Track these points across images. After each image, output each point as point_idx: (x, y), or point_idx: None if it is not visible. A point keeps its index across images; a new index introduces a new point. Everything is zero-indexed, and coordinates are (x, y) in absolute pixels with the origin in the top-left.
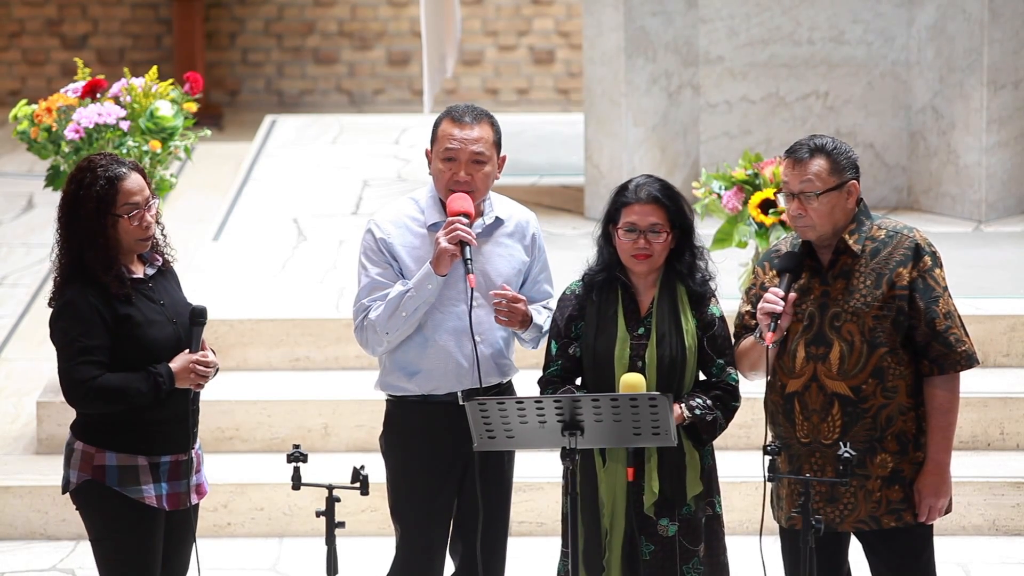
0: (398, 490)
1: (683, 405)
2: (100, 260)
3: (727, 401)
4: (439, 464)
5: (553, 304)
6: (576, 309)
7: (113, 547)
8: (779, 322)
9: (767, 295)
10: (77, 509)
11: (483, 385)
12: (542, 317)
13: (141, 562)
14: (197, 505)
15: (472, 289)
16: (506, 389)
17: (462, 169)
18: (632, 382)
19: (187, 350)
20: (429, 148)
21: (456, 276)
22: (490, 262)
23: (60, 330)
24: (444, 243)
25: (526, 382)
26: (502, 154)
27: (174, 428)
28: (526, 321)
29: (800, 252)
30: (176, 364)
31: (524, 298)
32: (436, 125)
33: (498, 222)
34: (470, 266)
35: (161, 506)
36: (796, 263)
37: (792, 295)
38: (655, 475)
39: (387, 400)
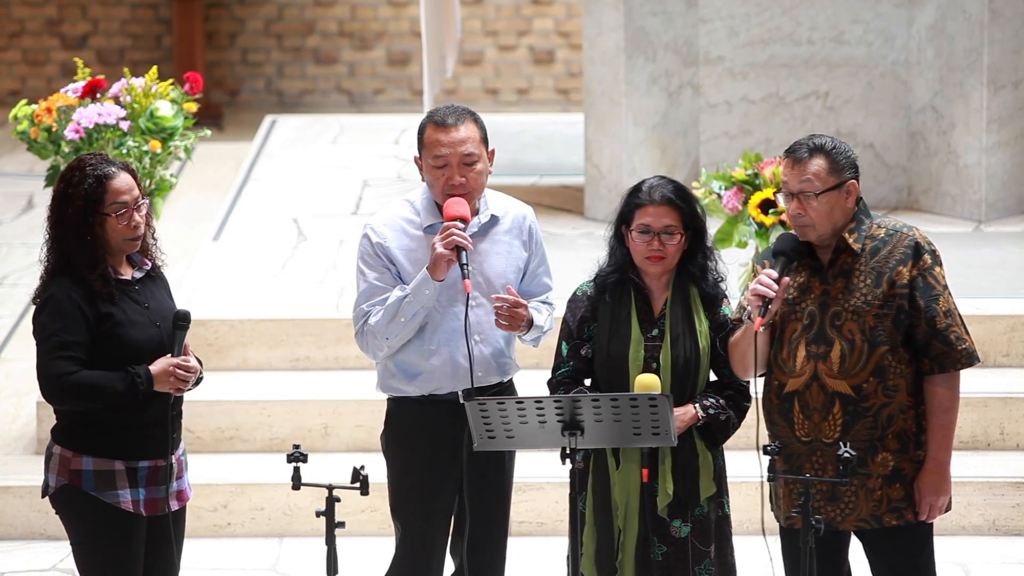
0: (399, 489)
1: (697, 405)
2: (86, 258)
3: (739, 401)
4: (439, 463)
5: (552, 298)
6: (588, 310)
7: (91, 551)
8: (770, 307)
9: (760, 277)
10: (56, 513)
11: (483, 384)
12: (542, 316)
13: (119, 567)
14: (183, 511)
15: (468, 294)
16: (507, 388)
17: (456, 173)
18: (647, 383)
19: (169, 354)
20: (418, 155)
21: (455, 277)
22: (488, 260)
23: (40, 324)
24: (440, 248)
25: (527, 382)
26: (491, 148)
27: (153, 433)
28: (527, 324)
29: (798, 236)
30: (156, 367)
31: (525, 303)
32: (421, 132)
33: (494, 220)
34: (466, 271)
35: (138, 511)
36: (792, 246)
37: (785, 279)
38: (669, 477)
39: (388, 400)
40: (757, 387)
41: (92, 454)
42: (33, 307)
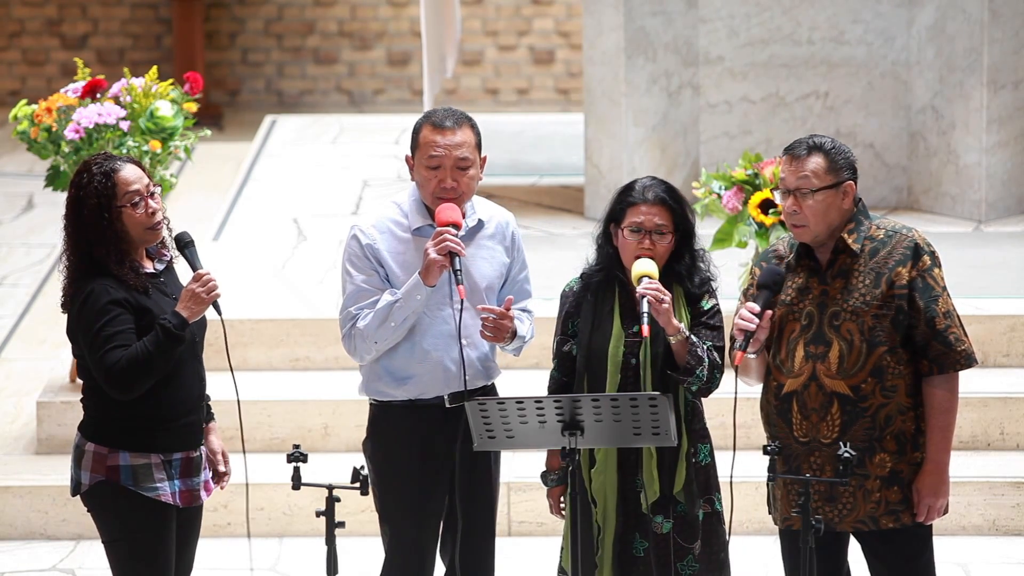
0: (388, 494)
1: (683, 325)
2: (111, 255)
3: (719, 363)
4: (429, 468)
5: (532, 306)
6: (573, 306)
7: (128, 547)
8: (757, 336)
9: (742, 311)
10: (89, 511)
11: (468, 388)
12: (524, 326)
13: (157, 560)
14: (201, 504)
15: (462, 299)
16: (490, 391)
17: (448, 176)
18: (644, 269)
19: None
20: (410, 155)
21: (442, 280)
22: (473, 265)
23: (83, 325)
24: (433, 254)
25: (526, 382)
26: (483, 154)
27: (184, 425)
28: (511, 336)
29: (781, 269)
30: (180, 302)
31: (511, 315)
32: (416, 132)
33: (480, 224)
34: (460, 277)
35: (175, 503)
36: (775, 280)
37: (768, 312)
38: (656, 474)
39: (372, 404)
40: (759, 388)
41: (128, 449)
42: (53, 314)
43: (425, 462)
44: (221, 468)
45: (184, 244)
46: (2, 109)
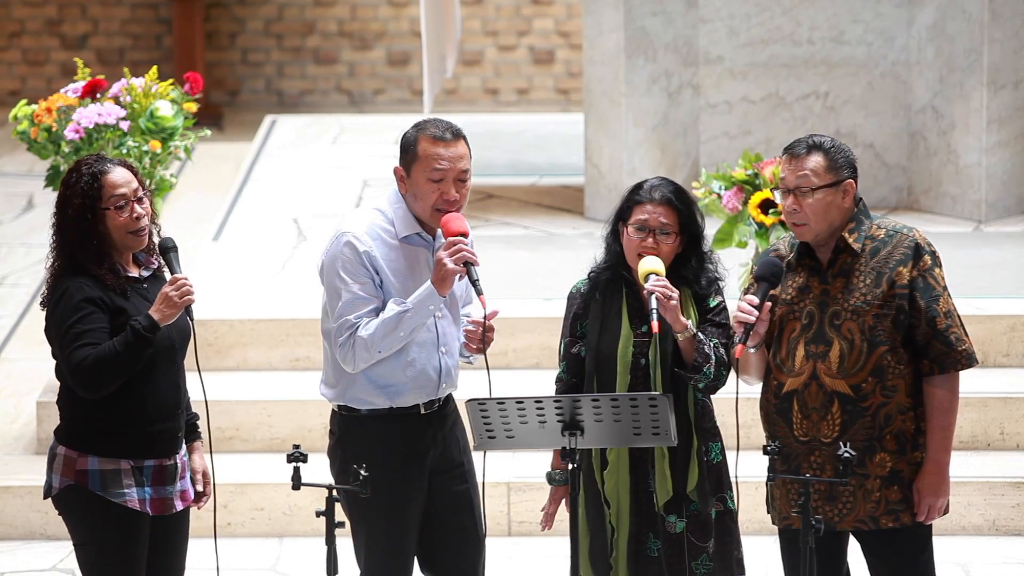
0: (366, 502)
1: (691, 322)
2: (92, 256)
3: (723, 361)
4: (407, 475)
5: (471, 311)
6: (581, 307)
7: (95, 552)
8: (757, 329)
9: (741, 304)
10: (60, 514)
11: (443, 396)
12: None
13: (124, 566)
14: (187, 512)
15: (443, 302)
16: (451, 399)
17: (451, 188)
18: (651, 266)
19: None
20: (400, 167)
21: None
22: None
23: (56, 321)
24: (451, 264)
25: (526, 381)
26: None
27: (158, 432)
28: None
29: (780, 261)
30: (153, 307)
31: (494, 327)
32: (412, 144)
33: None
34: (479, 287)
35: (145, 510)
36: (774, 272)
37: (767, 304)
38: (668, 473)
39: (341, 413)
40: (759, 388)
41: (97, 454)
42: (44, 310)
43: (403, 470)
44: (199, 488)
45: (165, 249)
46: (2, 109)
